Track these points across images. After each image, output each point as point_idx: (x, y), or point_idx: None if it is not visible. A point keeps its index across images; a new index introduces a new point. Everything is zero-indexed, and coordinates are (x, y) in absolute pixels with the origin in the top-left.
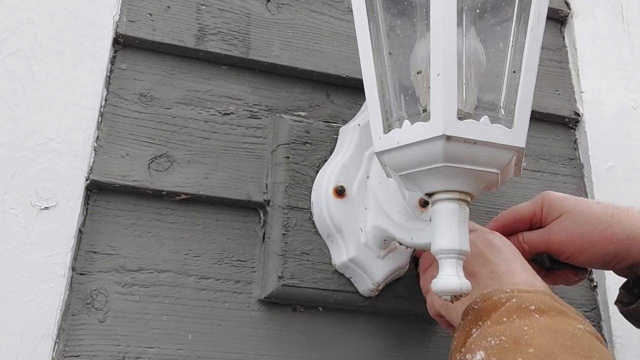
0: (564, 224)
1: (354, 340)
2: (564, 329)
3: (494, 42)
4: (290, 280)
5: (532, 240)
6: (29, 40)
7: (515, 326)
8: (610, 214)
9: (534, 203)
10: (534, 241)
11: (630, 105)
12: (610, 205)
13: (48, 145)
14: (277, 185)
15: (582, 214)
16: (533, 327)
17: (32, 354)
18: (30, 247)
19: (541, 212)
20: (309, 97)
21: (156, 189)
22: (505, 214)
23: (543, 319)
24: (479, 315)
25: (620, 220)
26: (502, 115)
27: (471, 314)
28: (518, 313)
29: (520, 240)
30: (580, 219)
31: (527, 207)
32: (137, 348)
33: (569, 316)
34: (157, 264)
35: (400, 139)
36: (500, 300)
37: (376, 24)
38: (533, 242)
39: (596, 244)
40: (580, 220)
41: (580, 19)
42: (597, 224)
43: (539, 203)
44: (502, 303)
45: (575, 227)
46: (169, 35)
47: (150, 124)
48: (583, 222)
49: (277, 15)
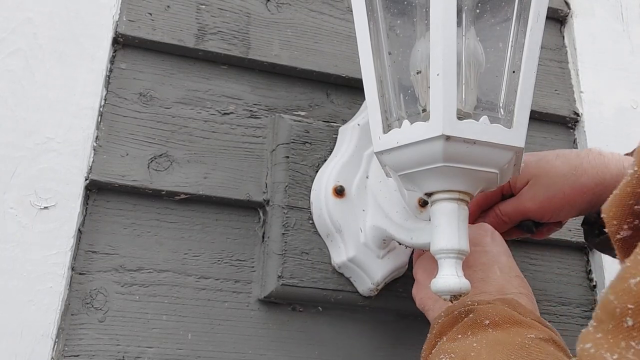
0: (534, 190)
1: (354, 340)
2: (512, 340)
3: (494, 42)
4: (289, 279)
5: (508, 213)
6: (28, 40)
7: (466, 343)
8: (574, 166)
9: None
10: (510, 213)
11: (629, 105)
12: (570, 155)
13: (47, 145)
14: (276, 185)
15: (548, 175)
16: (481, 343)
17: (32, 353)
18: (30, 246)
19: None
20: (309, 96)
21: (156, 188)
22: None
23: (495, 333)
24: (442, 329)
25: (585, 170)
26: (502, 115)
27: (436, 328)
28: (472, 329)
29: (498, 214)
30: (547, 180)
31: None
32: (137, 347)
33: (523, 325)
34: (156, 264)
35: (399, 139)
36: (460, 315)
37: (376, 24)
38: (510, 213)
39: (569, 200)
40: (547, 182)
41: (580, 19)
42: (564, 181)
43: None
44: (461, 318)
45: (545, 191)
46: (169, 34)
47: (150, 124)
48: (550, 183)
49: (277, 15)
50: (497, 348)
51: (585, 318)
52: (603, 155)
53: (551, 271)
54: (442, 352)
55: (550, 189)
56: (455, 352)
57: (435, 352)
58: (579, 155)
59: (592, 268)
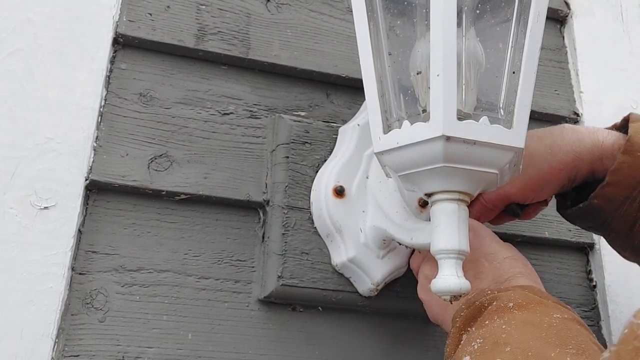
0: None
1: (354, 340)
2: (540, 320)
3: (494, 43)
4: (289, 280)
5: (492, 200)
6: (28, 40)
7: (494, 326)
8: (548, 145)
9: None
10: (494, 200)
11: (629, 105)
12: (544, 133)
13: (47, 145)
14: (276, 185)
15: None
16: (510, 325)
17: (32, 354)
18: (30, 247)
19: None
20: (309, 96)
21: (156, 188)
22: None
23: (521, 314)
24: (466, 321)
25: (560, 147)
26: (502, 116)
27: (459, 321)
28: (499, 313)
29: (483, 203)
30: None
31: None
32: (137, 348)
33: (548, 306)
34: (156, 264)
35: (399, 140)
36: (483, 305)
37: (376, 24)
38: (493, 201)
39: (549, 179)
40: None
41: (580, 19)
42: (541, 161)
43: None
44: (484, 307)
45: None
46: (169, 35)
47: (150, 124)
48: (528, 164)
49: (277, 15)
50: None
51: (585, 318)
52: (576, 130)
53: (551, 271)
54: (472, 339)
55: (529, 170)
56: (485, 337)
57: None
58: (552, 133)
59: (592, 268)
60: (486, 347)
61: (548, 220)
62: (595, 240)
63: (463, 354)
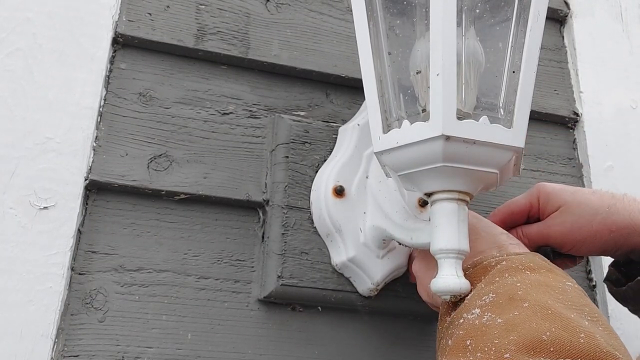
0: (563, 218)
1: (353, 340)
2: (554, 284)
3: (494, 42)
4: (289, 279)
5: (531, 235)
6: (28, 40)
7: (507, 283)
8: (607, 204)
9: (530, 195)
10: (533, 236)
11: (629, 105)
12: (606, 194)
13: (47, 145)
14: (276, 185)
15: (580, 205)
16: (525, 283)
17: (31, 354)
18: (29, 247)
19: (538, 204)
20: (308, 96)
21: (155, 188)
22: (502, 209)
23: (533, 275)
24: (472, 279)
25: (618, 209)
26: (502, 115)
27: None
28: (510, 272)
29: (520, 235)
30: (579, 210)
31: (523, 200)
32: (137, 348)
33: (557, 274)
34: (156, 264)
35: (399, 139)
36: (490, 264)
37: (376, 24)
38: (532, 236)
39: (595, 234)
40: (578, 212)
41: (580, 19)
42: (595, 215)
43: (535, 195)
44: (492, 266)
45: (574, 220)
46: (168, 34)
47: (150, 124)
48: (582, 214)
49: (277, 15)
50: (543, 288)
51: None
52: (638, 202)
53: None
54: (482, 294)
55: (580, 219)
56: (498, 292)
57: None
58: (614, 195)
59: (591, 268)
60: (500, 301)
61: None
62: None
63: (471, 306)
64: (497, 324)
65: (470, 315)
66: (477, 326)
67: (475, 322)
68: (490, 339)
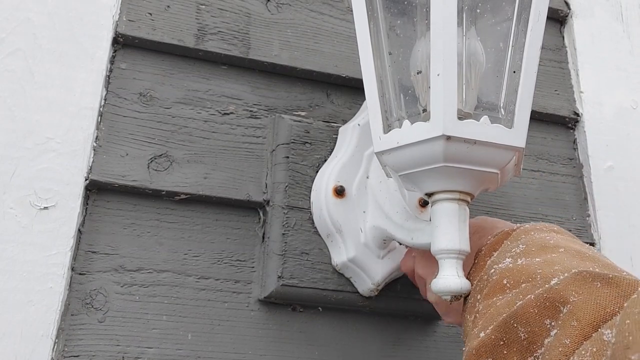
0: None
1: (354, 340)
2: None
3: (494, 42)
4: (289, 280)
5: None
6: (28, 40)
7: (536, 237)
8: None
9: None
10: None
11: (629, 105)
12: None
13: (47, 145)
14: (276, 185)
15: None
16: (554, 238)
17: (32, 354)
18: (30, 247)
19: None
20: (309, 96)
21: (155, 188)
22: None
23: (560, 235)
24: (493, 245)
25: None
26: (502, 115)
27: (484, 250)
28: (535, 231)
29: None
30: None
31: None
32: (137, 348)
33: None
34: (156, 264)
35: (400, 139)
36: (512, 229)
37: (376, 24)
38: None
39: None
40: None
41: (580, 19)
42: None
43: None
44: (512, 230)
45: None
46: (169, 34)
47: (150, 124)
48: None
49: (277, 15)
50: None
51: None
52: None
53: None
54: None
55: None
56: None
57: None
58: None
59: None
60: (533, 249)
61: (549, 219)
62: (595, 240)
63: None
64: (535, 262)
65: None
66: (511, 268)
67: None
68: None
